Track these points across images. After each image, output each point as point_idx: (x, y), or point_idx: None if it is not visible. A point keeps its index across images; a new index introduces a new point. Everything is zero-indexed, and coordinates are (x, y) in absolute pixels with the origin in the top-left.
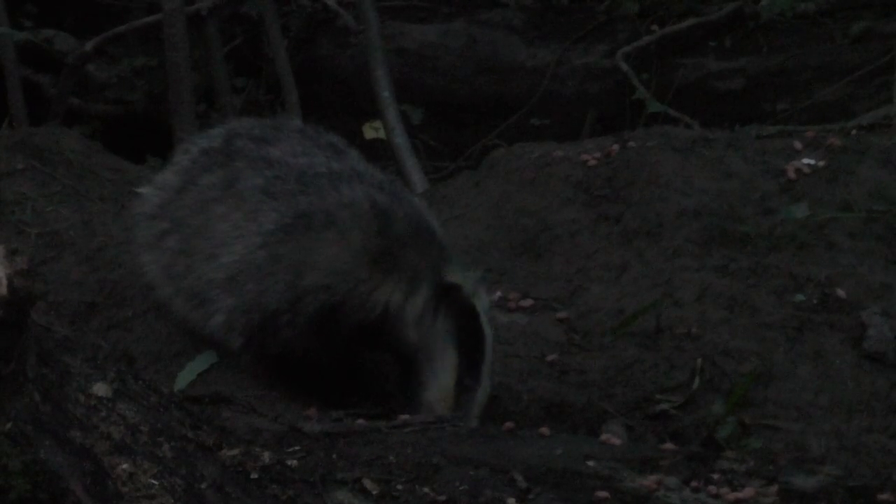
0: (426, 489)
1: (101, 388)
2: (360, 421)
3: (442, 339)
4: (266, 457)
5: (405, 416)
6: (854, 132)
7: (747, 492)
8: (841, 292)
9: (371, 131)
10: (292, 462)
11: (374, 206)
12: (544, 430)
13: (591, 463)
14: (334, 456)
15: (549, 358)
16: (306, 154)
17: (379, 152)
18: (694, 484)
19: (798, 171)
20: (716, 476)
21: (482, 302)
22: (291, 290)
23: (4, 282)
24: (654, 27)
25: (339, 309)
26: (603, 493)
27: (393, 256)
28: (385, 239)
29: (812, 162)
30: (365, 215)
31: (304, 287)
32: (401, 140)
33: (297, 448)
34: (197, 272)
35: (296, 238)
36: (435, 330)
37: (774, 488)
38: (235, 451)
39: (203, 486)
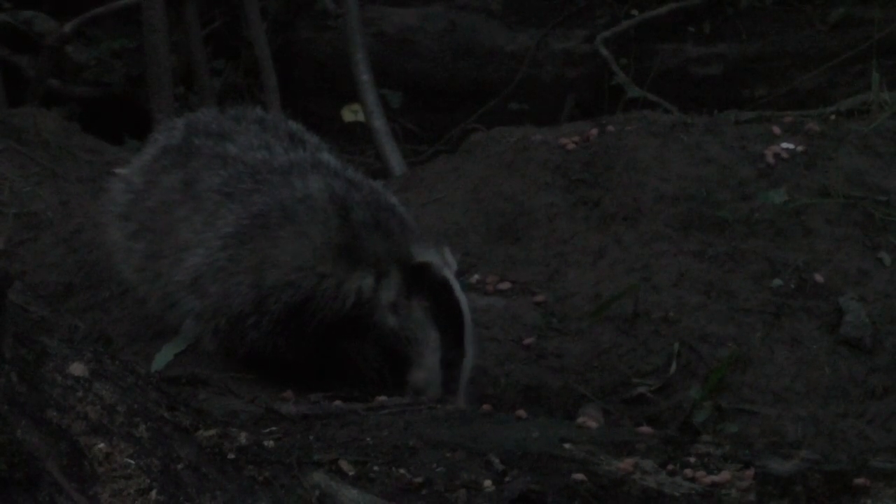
0: (403, 471)
1: (77, 369)
2: (337, 403)
3: (420, 319)
4: (243, 438)
5: (382, 399)
6: (833, 118)
7: (723, 476)
8: (818, 278)
9: (350, 114)
10: (269, 443)
11: (333, 198)
12: (521, 413)
13: (567, 446)
14: (311, 437)
15: (527, 341)
16: (264, 147)
17: (358, 136)
18: (670, 467)
19: (776, 156)
20: (692, 460)
21: (452, 272)
22: (254, 290)
23: None
24: (634, 12)
25: (307, 305)
26: (579, 476)
27: (357, 246)
28: (347, 230)
29: (791, 147)
30: (323, 208)
31: (267, 286)
32: (380, 123)
33: (273, 429)
34: (166, 276)
35: (254, 238)
36: (412, 312)
37: (750, 472)
38: (212, 432)
39: (179, 466)
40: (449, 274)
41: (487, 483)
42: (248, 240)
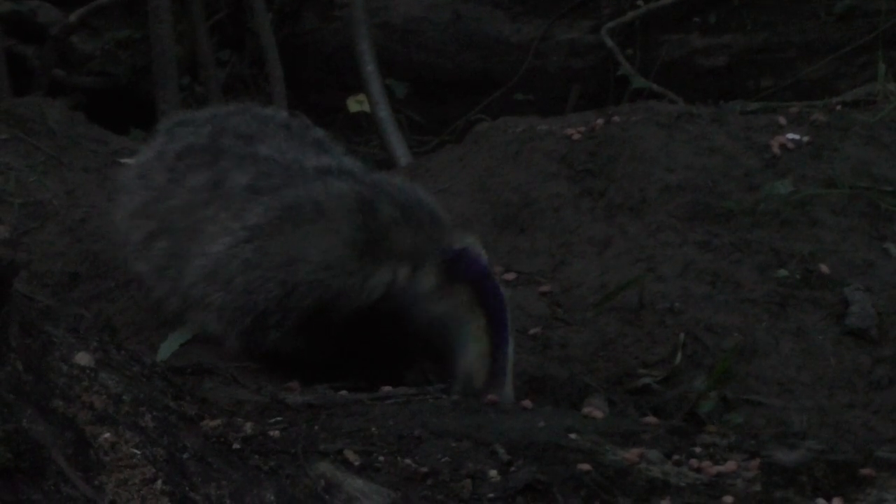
0: (408, 461)
1: (83, 358)
2: (343, 393)
3: (466, 303)
4: (248, 428)
5: (387, 388)
6: (838, 108)
7: (729, 466)
8: (824, 268)
9: (355, 105)
10: (274, 433)
11: (359, 198)
12: (527, 403)
13: (573, 436)
14: (316, 427)
15: (532, 331)
16: (294, 151)
17: (363, 126)
18: (676, 458)
19: (782, 146)
20: (698, 450)
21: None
22: (281, 286)
23: None
24: (639, 3)
25: (332, 303)
26: (585, 466)
27: (382, 243)
28: (370, 229)
29: (796, 137)
30: (351, 206)
31: (294, 283)
32: (385, 114)
33: (279, 419)
34: (190, 275)
35: (284, 231)
36: (456, 296)
37: (756, 463)
38: (217, 422)
39: (185, 456)
40: (486, 260)
41: (493, 473)
42: (277, 232)
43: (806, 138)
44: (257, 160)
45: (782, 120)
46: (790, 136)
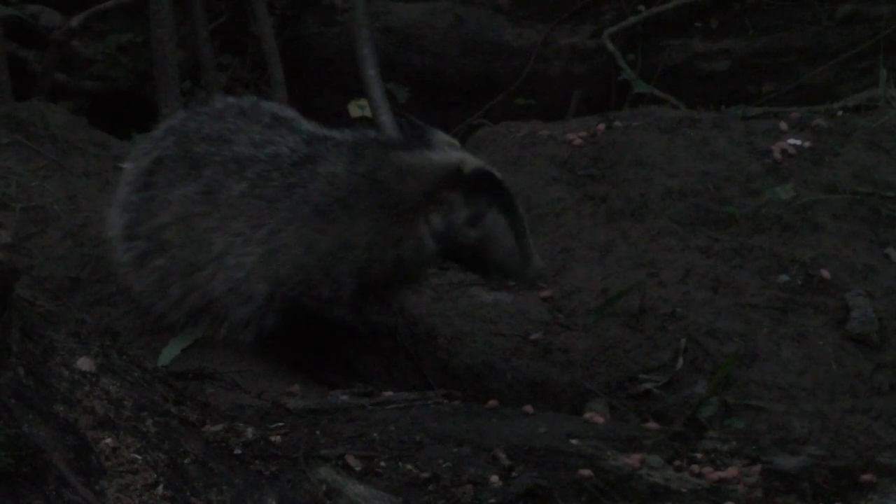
0: (409, 466)
1: (84, 363)
2: (344, 398)
3: (492, 218)
4: (249, 433)
5: (388, 394)
6: (840, 114)
7: (730, 471)
8: (825, 274)
9: (357, 109)
10: (276, 438)
11: (355, 172)
12: (528, 408)
13: (574, 441)
14: (318, 432)
15: (533, 337)
16: (267, 141)
17: None
18: (677, 463)
19: (783, 152)
20: (699, 456)
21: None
22: (326, 281)
23: None
24: (641, 8)
25: (400, 270)
26: (586, 472)
27: (402, 205)
28: (385, 191)
29: (798, 143)
30: (355, 184)
31: (338, 272)
32: (386, 118)
33: (280, 424)
34: (203, 288)
35: (318, 230)
36: (487, 215)
37: (757, 468)
38: (219, 427)
39: (186, 461)
40: (477, 161)
41: (494, 478)
42: (308, 227)
43: (807, 143)
44: (242, 163)
45: (784, 125)
46: (791, 141)
